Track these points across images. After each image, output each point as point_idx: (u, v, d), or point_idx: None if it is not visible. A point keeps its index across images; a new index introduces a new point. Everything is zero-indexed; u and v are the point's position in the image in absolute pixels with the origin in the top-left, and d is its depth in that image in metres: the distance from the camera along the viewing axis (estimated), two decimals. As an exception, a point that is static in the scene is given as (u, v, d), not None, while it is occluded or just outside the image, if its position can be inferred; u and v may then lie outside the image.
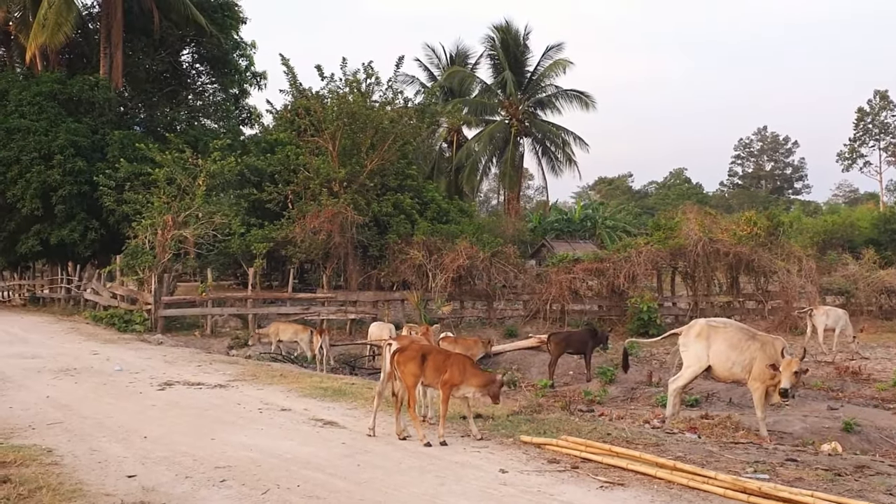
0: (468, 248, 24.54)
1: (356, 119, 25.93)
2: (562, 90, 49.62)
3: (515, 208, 49.98)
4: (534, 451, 7.94)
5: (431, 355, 8.61)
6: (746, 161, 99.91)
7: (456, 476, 6.98)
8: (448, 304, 24.65)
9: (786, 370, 10.22)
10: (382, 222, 26.50)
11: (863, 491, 6.77)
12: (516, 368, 17.84)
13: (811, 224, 49.51)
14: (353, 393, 11.46)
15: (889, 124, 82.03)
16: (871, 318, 25.88)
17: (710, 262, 25.39)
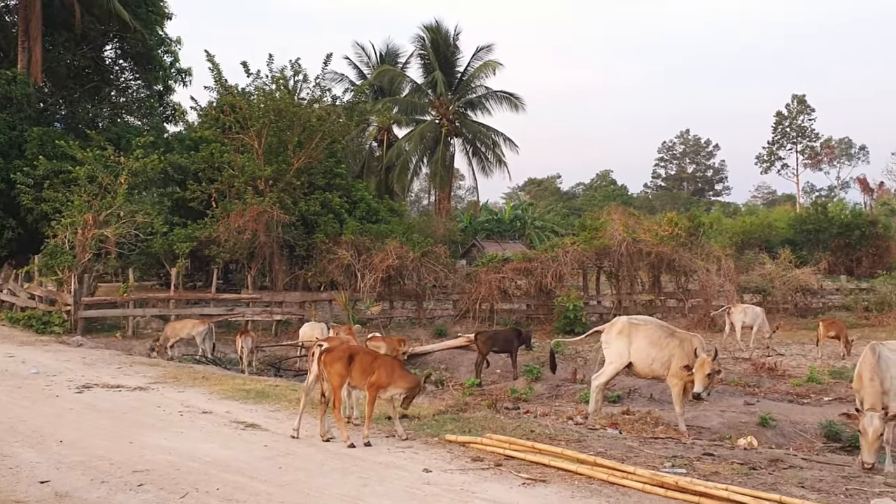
0: (398, 248, 24.48)
1: (283, 116, 25.59)
2: (492, 91, 49.95)
3: (446, 208, 50.10)
4: (458, 449, 7.99)
5: (359, 356, 8.58)
6: (669, 163, 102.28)
7: (379, 477, 6.98)
8: (377, 304, 24.55)
9: (699, 372, 10.50)
10: (310, 221, 26.23)
11: (776, 484, 6.99)
12: (445, 368, 17.91)
13: (730, 225, 50.94)
14: (277, 395, 11.34)
15: (806, 128, 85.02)
16: (786, 315, 26.79)
17: (633, 261, 25.92)
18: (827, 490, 6.93)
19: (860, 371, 9.48)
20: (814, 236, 44.19)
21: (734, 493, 6.17)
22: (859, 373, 9.51)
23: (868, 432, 8.69)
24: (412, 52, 51.39)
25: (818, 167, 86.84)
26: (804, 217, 48.36)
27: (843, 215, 46.75)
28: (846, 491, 6.95)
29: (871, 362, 9.38)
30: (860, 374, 9.48)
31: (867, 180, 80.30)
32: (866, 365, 9.37)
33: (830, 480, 7.36)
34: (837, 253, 42.75)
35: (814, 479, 7.32)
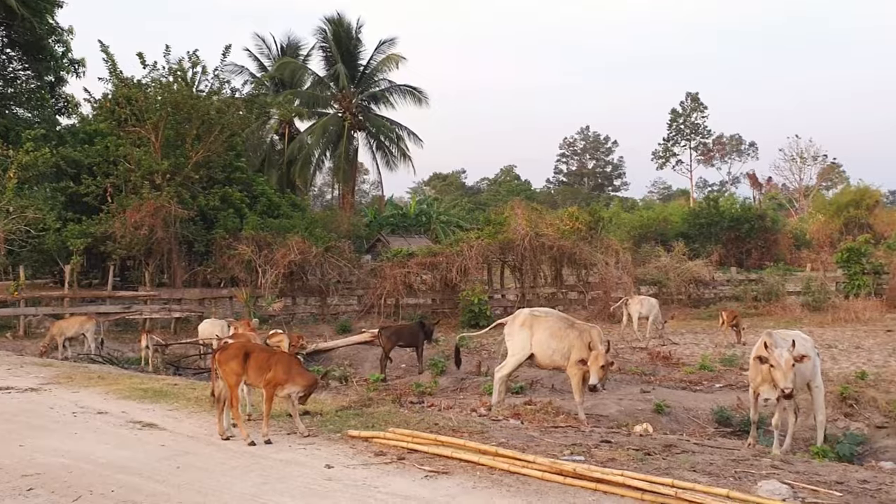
0: (300, 244, 24.22)
1: (180, 109, 24.96)
2: (395, 85, 49.91)
3: (350, 203, 49.83)
4: (361, 444, 7.96)
5: (254, 354, 8.43)
6: (571, 159, 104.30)
7: (280, 474, 6.90)
8: (279, 300, 24.22)
9: (593, 364, 10.77)
10: (209, 216, 25.68)
11: (669, 468, 7.20)
12: (349, 364, 17.81)
13: (628, 219, 52.43)
14: (176, 394, 11.06)
15: (699, 125, 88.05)
16: (680, 306, 27.77)
17: (536, 255, 26.39)
18: (717, 473, 7.17)
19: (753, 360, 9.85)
20: (706, 230, 45.93)
21: (629, 479, 6.34)
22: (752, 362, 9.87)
23: (781, 362, 9.21)
24: (314, 45, 50.87)
25: (710, 163, 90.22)
26: (697, 211, 50.20)
27: (733, 209, 48.77)
28: (735, 473, 7.20)
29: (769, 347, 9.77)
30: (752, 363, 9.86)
31: (756, 176, 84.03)
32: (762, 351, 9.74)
33: (721, 464, 7.61)
34: (728, 245, 44.59)
35: (705, 463, 7.56)
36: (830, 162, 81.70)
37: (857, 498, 6.42)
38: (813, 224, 56.87)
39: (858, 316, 24.51)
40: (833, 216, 54.71)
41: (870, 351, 18.29)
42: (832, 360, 16.73)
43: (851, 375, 14.59)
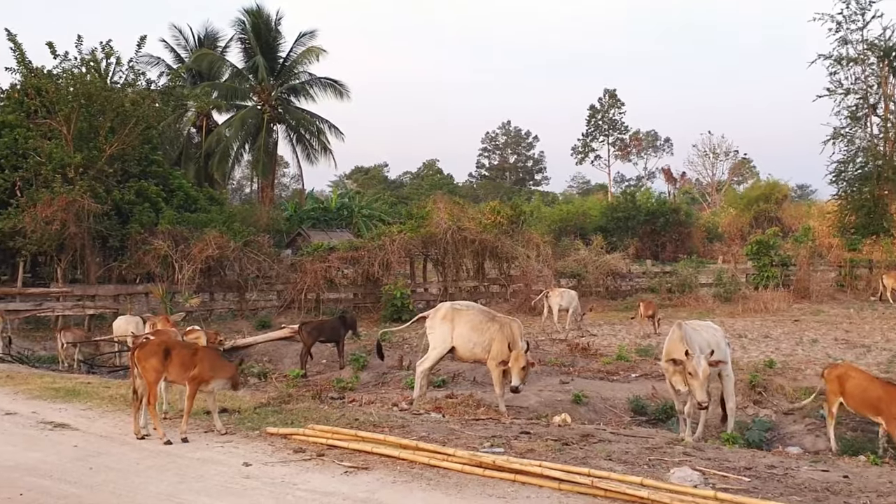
0: (218, 238, 23.76)
1: (94, 101, 24.14)
2: (315, 78, 49.31)
3: (270, 196, 49.09)
4: (280, 442, 7.89)
5: (176, 350, 8.28)
6: (492, 154, 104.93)
7: (197, 473, 6.79)
8: (197, 296, 23.74)
9: (514, 365, 10.95)
10: (124, 211, 24.95)
11: (586, 458, 7.36)
12: (269, 360, 17.59)
13: (549, 213, 53.21)
14: (89, 393, 10.76)
15: (617, 121, 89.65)
16: (599, 298, 28.34)
17: (458, 248, 26.51)
18: (632, 462, 7.35)
19: (670, 349, 10.08)
20: (623, 223, 46.92)
21: (547, 469, 6.45)
22: (670, 351, 10.10)
23: (699, 372, 9.43)
24: (232, 37, 49.80)
25: (628, 158, 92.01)
26: (615, 205, 51.24)
27: (649, 204, 49.94)
28: (649, 461, 7.40)
29: (681, 337, 10.00)
30: (668, 352, 10.11)
31: (671, 171, 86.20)
32: (677, 341, 10.00)
33: (636, 452, 7.80)
34: (644, 239, 45.68)
35: (621, 452, 7.75)
36: (741, 157, 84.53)
37: (765, 483, 6.67)
38: (725, 218, 58.74)
39: (767, 306, 25.42)
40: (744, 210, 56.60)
41: (778, 340, 18.99)
42: (742, 349, 17.30)
43: (760, 364, 15.16)
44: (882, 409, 9.61)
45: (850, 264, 31.65)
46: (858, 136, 39.95)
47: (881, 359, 16.04)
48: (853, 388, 10.01)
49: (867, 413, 9.97)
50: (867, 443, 10.69)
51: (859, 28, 39.20)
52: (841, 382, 10.11)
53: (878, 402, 9.65)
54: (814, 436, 11.55)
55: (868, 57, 39.47)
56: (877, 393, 9.73)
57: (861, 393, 9.90)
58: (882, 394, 9.65)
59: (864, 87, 39.74)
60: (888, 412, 9.53)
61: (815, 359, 16.09)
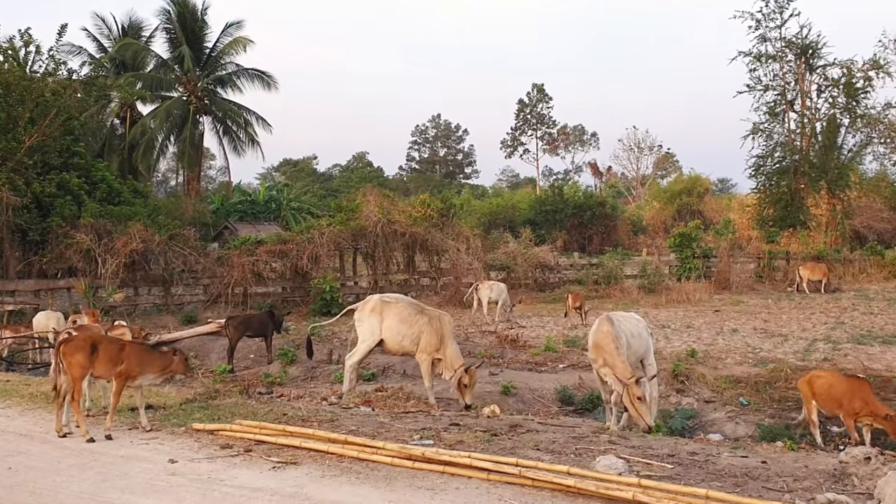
0: (143, 231, 23.21)
1: (12, 90, 23.30)
2: (243, 69, 48.54)
3: (196, 189, 48.18)
4: (206, 438, 7.78)
5: (103, 345, 8.08)
6: (423, 147, 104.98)
7: (121, 471, 6.65)
8: (120, 291, 23.18)
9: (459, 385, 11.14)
10: (45, 204, 24.17)
11: (515, 448, 7.45)
12: (195, 355, 17.24)
13: (479, 206, 53.53)
14: (8, 391, 10.42)
15: (545, 115, 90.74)
16: (527, 290, 28.66)
17: (388, 241, 26.46)
18: (559, 451, 7.47)
19: (599, 341, 10.09)
20: (552, 216, 47.54)
21: (476, 460, 6.51)
22: (598, 343, 10.11)
23: (646, 397, 9.49)
24: (157, 26, 48.61)
25: (555, 152, 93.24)
26: (543, 199, 51.84)
27: (577, 197, 50.70)
28: (576, 450, 7.53)
29: (611, 332, 10.06)
30: (600, 345, 10.08)
31: (597, 165, 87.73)
32: (607, 335, 10.03)
33: (563, 441, 7.93)
34: (572, 231, 46.37)
35: (548, 442, 7.86)
36: (665, 152, 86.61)
37: (687, 469, 6.85)
38: (649, 211, 60.10)
39: (689, 297, 26.10)
40: (667, 203, 57.99)
41: (699, 330, 19.51)
42: (665, 339, 17.72)
43: (683, 353, 15.53)
44: (843, 402, 9.77)
45: (769, 256, 32.71)
46: (777, 131, 41.35)
47: (797, 347, 16.61)
48: (821, 388, 10.13)
49: (834, 409, 10.08)
50: (785, 429, 11.09)
51: (777, 26, 40.53)
52: (811, 386, 10.25)
53: (841, 396, 9.82)
54: (734, 423, 11.91)
55: (786, 54, 40.83)
56: (841, 388, 9.91)
57: (828, 390, 10.02)
58: (845, 388, 9.84)
59: (782, 83, 41.12)
60: (848, 406, 9.71)
61: (735, 348, 16.59)
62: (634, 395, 9.43)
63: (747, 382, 13.36)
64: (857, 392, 9.70)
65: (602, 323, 10.31)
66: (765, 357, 15.46)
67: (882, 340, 17.29)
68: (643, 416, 9.40)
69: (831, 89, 40.80)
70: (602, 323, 10.31)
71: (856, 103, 40.33)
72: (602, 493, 5.84)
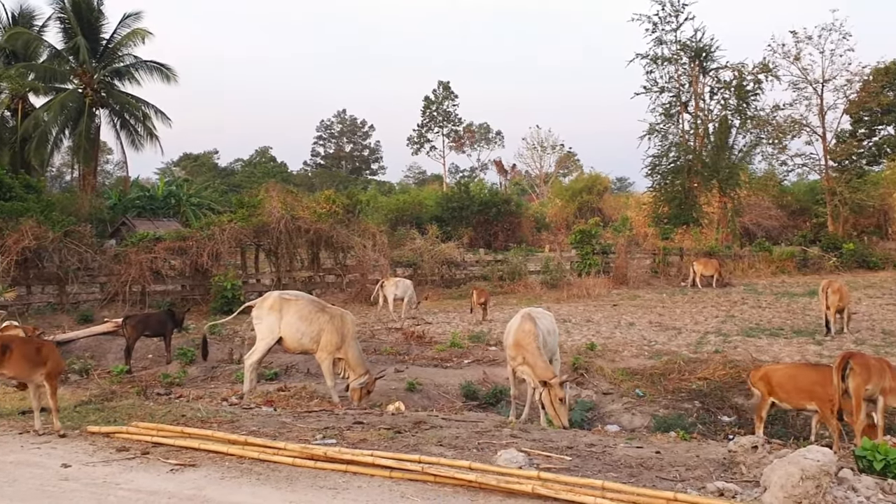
0: (35, 228, 22.29)
1: None
2: (141, 61, 47.08)
3: (92, 184, 46.45)
4: (102, 441, 7.57)
5: (18, 346, 7.77)
6: (328, 142, 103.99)
7: (10, 477, 6.40)
8: (12, 290, 22.23)
9: (354, 394, 11.23)
10: (-72, 199, 23.02)
11: (418, 445, 7.51)
12: (90, 356, 16.68)
13: (385, 202, 53.41)
14: None
15: (451, 113, 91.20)
16: (434, 286, 28.83)
17: (292, 238, 26.15)
18: (462, 446, 7.57)
19: (521, 340, 10.22)
20: (458, 213, 47.84)
21: (379, 458, 6.54)
22: (519, 342, 10.24)
23: (565, 400, 9.73)
24: (51, 15, 46.52)
25: (462, 150, 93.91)
26: (450, 196, 52.11)
27: (482, 194, 51.16)
28: (478, 445, 7.64)
29: (533, 330, 10.19)
30: (521, 344, 10.20)
31: (502, 163, 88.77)
32: (529, 334, 10.17)
33: (466, 437, 8.04)
34: (478, 228, 46.80)
35: (451, 437, 7.95)
36: (567, 151, 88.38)
37: (585, 461, 7.05)
38: (551, 208, 61.30)
39: (589, 292, 26.77)
40: (569, 201, 59.30)
41: (598, 324, 20.04)
42: (566, 333, 18.11)
43: (582, 347, 15.93)
44: (817, 392, 9.33)
45: (664, 252, 33.85)
46: (671, 131, 42.84)
47: (690, 340, 17.27)
48: (783, 381, 9.75)
49: (802, 402, 9.63)
50: (677, 419, 11.53)
51: (673, 29, 41.96)
52: (768, 381, 9.89)
53: (813, 386, 9.41)
54: (630, 414, 12.32)
55: (681, 57, 42.29)
56: (811, 378, 9.56)
57: (793, 383, 9.60)
58: (817, 377, 9.46)
59: (676, 85, 42.57)
60: (823, 394, 9.22)
61: (632, 341, 17.11)
62: (556, 397, 9.69)
63: (643, 374, 13.79)
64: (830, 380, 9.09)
65: (524, 321, 10.41)
66: (659, 350, 15.99)
67: (769, 333, 18.13)
68: (561, 417, 9.65)
69: (723, 91, 42.55)
70: (524, 321, 10.41)
71: (746, 105, 42.18)
72: (503, 486, 5.96)
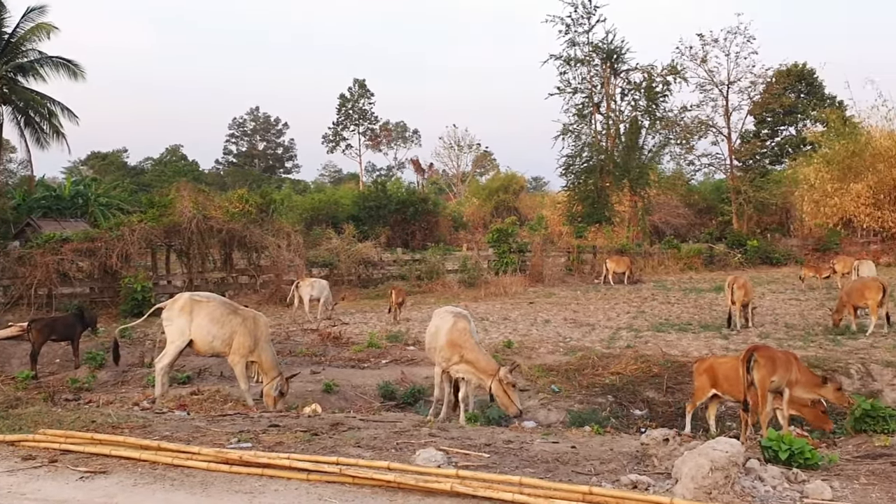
0: (-71, 229, 21.38)
1: None
2: (46, 56, 45.37)
3: (-7, 183, 44.76)
4: (7, 450, 7.27)
5: None
6: (241, 140, 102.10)
7: None
8: None
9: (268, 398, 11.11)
10: None
11: (336, 447, 7.45)
12: (-7, 362, 16.09)
13: (300, 201, 52.90)
14: None
15: (367, 111, 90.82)
16: (351, 287, 28.69)
17: (204, 238, 25.63)
18: (380, 447, 7.56)
19: (457, 339, 10.33)
20: (375, 212, 47.78)
21: (296, 461, 6.48)
22: (455, 341, 10.33)
23: (516, 385, 10.08)
24: (-54, 9, 44.58)
25: (378, 148, 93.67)
26: (366, 194, 52.01)
27: (399, 193, 51.25)
28: (397, 445, 7.64)
29: (467, 328, 10.40)
30: (458, 342, 10.32)
31: (419, 161, 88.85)
32: (464, 332, 10.35)
33: (384, 437, 8.03)
34: (395, 227, 46.84)
35: (370, 438, 7.93)
36: (484, 150, 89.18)
37: (503, 457, 7.13)
38: (469, 207, 61.79)
39: (506, 290, 27.08)
40: (486, 200, 59.90)
41: (515, 322, 20.29)
42: (484, 331, 18.26)
43: (500, 344, 16.09)
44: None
45: (578, 250, 34.55)
46: (584, 132, 43.68)
47: (603, 336, 17.64)
48: (728, 373, 9.73)
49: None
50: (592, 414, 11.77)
51: (585, 31, 42.80)
52: (713, 373, 9.94)
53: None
54: (546, 410, 12.51)
55: (593, 58, 43.15)
56: None
57: (737, 374, 9.42)
58: None
59: (589, 86, 43.43)
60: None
61: (548, 338, 17.38)
62: (508, 384, 9.99)
63: (558, 370, 14.02)
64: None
65: (459, 320, 10.54)
66: (574, 346, 16.28)
67: (678, 328, 18.68)
68: (515, 403, 10.06)
69: (633, 93, 43.64)
70: (459, 320, 10.54)
71: (655, 106, 43.38)
72: (422, 486, 5.97)
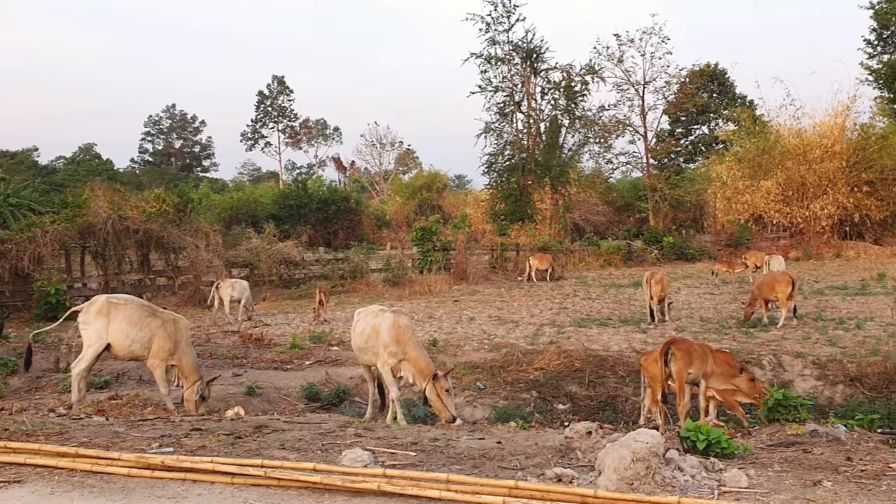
0: None
1: None
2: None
3: None
4: None
5: None
6: (157, 138, 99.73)
7: None
8: None
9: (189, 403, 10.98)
10: None
11: (260, 449, 7.35)
12: None
13: (219, 200, 51.96)
14: None
15: (286, 108, 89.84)
16: (272, 287, 28.31)
17: (120, 239, 24.98)
18: (306, 448, 7.49)
19: (400, 336, 10.34)
20: (296, 211, 47.33)
21: (219, 465, 6.37)
22: (398, 338, 10.33)
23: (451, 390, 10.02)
24: None
25: (298, 146, 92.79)
26: (287, 193, 51.49)
27: (321, 192, 50.90)
28: (322, 446, 7.58)
29: (409, 325, 10.45)
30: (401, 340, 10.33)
31: (341, 159, 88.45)
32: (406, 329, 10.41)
33: (309, 438, 7.96)
34: (317, 226, 46.50)
35: (294, 440, 7.85)
36: (406, 148, 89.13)
37: (430, 455, 7.15)
38: (392, 205, 61.67)
39: (431, 289, 27.15)
40: (409, 198, 59.87)
41: (440, 320, 20.38)
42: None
43: (425, 343, 16.11)
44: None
45: (501, 248, 34.85)
46: (506, 130, 44.11)
47: (527, 332, 17.87)
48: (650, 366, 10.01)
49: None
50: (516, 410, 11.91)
51: (505, 30, 43.19)
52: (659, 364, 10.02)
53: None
54: (472, 407, 12.63)
55: (513, 57, 43.59)
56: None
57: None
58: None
59: (510, 85, 43.87)
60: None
61: (473, 335, 17.52)
62: (443, 388, 10.01)
63: (484, 367, 14.15)
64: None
65: (398, 316, 10.56)
66: (499, 343, 16.45)
67: (599, 323, 19.06)
68: (449, 408, 10.02)
69: (553, 92, 44.25)
70: (398, 316, 10.56)
71: (574, 105, 44.09)
72: (349, 486, 5.95)
